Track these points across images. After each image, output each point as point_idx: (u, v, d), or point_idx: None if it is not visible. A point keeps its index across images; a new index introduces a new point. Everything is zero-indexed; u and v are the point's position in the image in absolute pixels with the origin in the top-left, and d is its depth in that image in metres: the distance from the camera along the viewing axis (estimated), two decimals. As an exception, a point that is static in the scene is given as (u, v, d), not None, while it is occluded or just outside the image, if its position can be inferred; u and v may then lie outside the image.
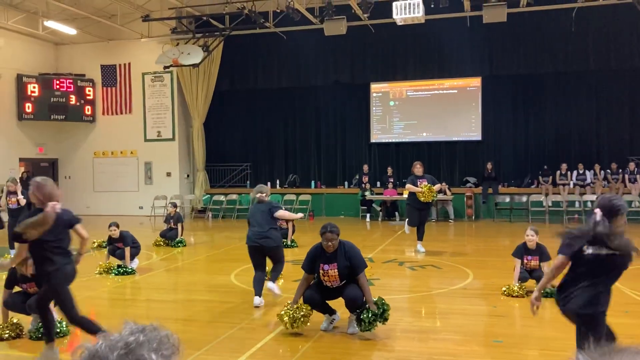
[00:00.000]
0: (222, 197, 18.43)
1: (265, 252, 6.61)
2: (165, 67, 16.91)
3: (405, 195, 15.40)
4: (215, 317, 6.23)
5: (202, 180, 18.93)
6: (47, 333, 4.88)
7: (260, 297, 6.54)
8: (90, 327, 4.58)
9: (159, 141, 18.98)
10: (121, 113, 19.34)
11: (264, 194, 6.92)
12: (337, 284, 5.41)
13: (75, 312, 4.61)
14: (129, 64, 19.13)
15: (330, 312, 5.60)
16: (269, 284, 6.72)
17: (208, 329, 5.74)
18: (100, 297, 7.48)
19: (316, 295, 5.44)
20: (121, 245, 9.04)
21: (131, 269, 8.85)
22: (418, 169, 10.28)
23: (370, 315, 5.18)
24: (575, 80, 16.58)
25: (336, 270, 5.33)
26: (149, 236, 12.39)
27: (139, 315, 6.54)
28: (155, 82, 19.03)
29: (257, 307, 6.48)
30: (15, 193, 9.82)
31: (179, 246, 11.56)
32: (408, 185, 10.16)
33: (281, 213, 6.88)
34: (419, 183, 10.04)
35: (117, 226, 9.09)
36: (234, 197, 18.28)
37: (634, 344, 0.74)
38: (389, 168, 17.18)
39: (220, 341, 5.31)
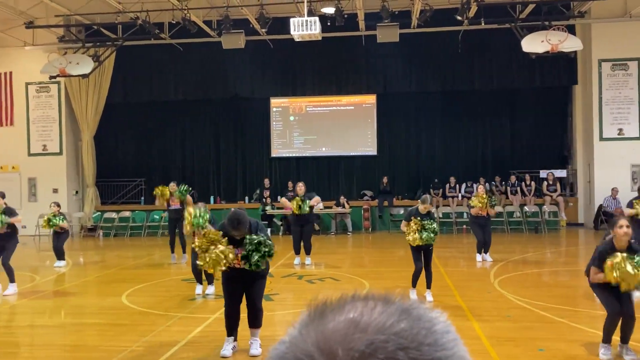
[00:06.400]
0: (114, 215, 17.58)
1: None
2: (51, 77, 15.91)
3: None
4: (105, 341, 5.90)
5: (92, 196, 17.95)
6: None
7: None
8: None
9: (44, 155, 17.81)
10: (1, 125, 17.96)
11: None
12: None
13: None
14: (11, 72, 17.84)
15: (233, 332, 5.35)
16: None
17: (96, 354, 5.42)
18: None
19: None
20: None
21: None
22: (300, 188, 10.46)
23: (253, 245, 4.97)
24: (461, 98, 17.61)
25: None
26: (33, 257, 11.54)
27: (21, 343, 6.05)
28: (41, 92, 17.88)
29: None
30: None
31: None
32: (282, 200, 10.65)
33: None
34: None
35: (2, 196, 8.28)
36: (127, 214, 17.49)
37: (358, 295, 0.60)
38: (290, 182, 17.25)
39: (109, 366, 5.03)
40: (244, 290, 5.29)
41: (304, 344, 0.55)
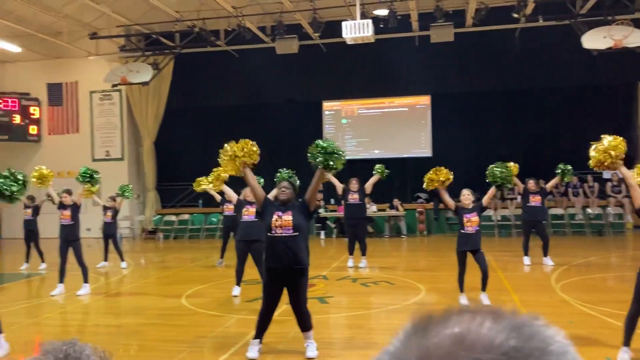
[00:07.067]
0: (173, 218, 18.08)
1: None
2: (113, 85, 16.58)
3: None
4: (164, 341, 6.07)
5: (153, 200, 18.54)
6: None
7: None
8: None
9: (107, 161, 18.52)
10: (68, 132, 18.81)
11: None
12: (290, 232, 5.15)
13: None
14: (76, 82, 18.68)
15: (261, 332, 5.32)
16: None
17: (156, 354, 5.58)
18: (43, 324, 7.18)
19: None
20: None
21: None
22: (354, 184, 11.07)
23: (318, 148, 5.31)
24: (519, 97, 17.13)
25: (290, 216, 5.17)
26: (99, 258, 12.01)
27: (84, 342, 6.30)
28: (104, 100, 18.62)
29: None
30: None
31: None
32: (337, 185, 10.87)
33: None
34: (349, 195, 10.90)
35: (70, 193, 9.21)
36: (186, 217, 17.96)
37: (466, 308, 0.57)
38: (342, 185, 17.23)
39: (169, 366, 5.17)
40: (283, 289, 5.26)
41: (406, 358, 0.53)
